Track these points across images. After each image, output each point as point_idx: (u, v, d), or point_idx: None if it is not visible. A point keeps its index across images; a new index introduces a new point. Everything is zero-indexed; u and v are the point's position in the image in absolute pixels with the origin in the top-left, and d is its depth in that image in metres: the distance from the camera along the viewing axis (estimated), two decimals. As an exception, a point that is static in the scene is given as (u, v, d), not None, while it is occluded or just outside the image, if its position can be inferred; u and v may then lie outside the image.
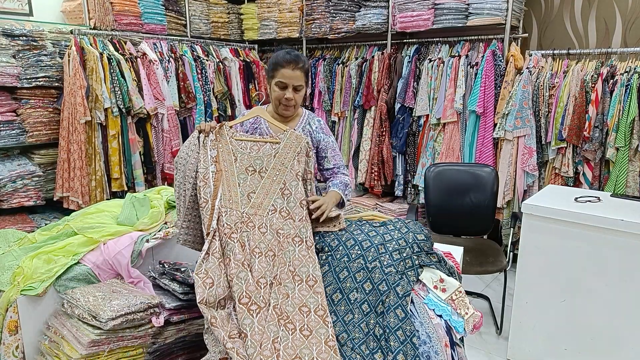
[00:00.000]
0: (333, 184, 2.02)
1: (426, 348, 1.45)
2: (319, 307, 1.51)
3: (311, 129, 2.05)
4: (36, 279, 1.79)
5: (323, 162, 2.07)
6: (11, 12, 3.33)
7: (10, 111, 3.14)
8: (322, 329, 1.46)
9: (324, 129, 2.09)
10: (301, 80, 1.90)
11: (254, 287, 1.50)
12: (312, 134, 2.04)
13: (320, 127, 2.08)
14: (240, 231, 1.64)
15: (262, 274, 1.55)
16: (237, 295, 1.46)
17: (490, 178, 2.96)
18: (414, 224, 1.84)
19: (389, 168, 3.98)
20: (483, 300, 3.17)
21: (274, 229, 1.70)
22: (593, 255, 2.18)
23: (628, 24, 3.51)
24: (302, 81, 1.91)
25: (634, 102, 2.96)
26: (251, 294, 1.48)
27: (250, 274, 1.53)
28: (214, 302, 1.44)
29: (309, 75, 1.97)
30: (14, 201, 3.14)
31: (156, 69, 3.71)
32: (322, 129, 2.08)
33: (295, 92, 1.91)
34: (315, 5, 4.32)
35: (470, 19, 3.57)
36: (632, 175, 3.03)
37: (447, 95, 3.62)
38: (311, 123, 2.08)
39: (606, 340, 2.20)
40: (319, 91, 4.38)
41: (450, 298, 1.62)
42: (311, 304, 1.52)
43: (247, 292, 1.48)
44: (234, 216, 1.67)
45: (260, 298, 1.48)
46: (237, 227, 1.64)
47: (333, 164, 2.07)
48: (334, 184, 2.01)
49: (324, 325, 1.47)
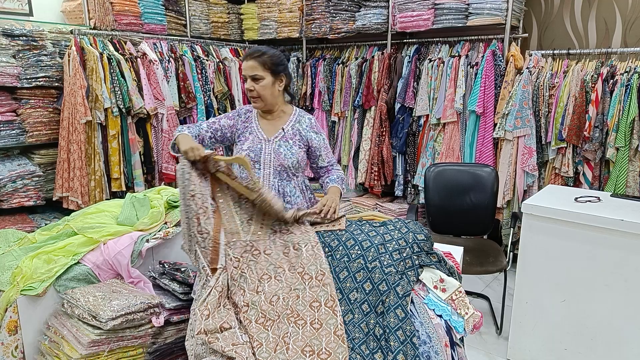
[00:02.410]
0: (331, 180, 2.01)
1: (426, 348, 1.45)
2: (329, 299, 1.53)
3: (300, 128, 2.04)
4: (36, 279, 1.79)
5: (317, 160, 2.07)
6: (11, 12, 3.33)
7: (10, 111, 3.14)
8: (332, 320, 1.47)
9: (315, 127, 2.07)
10: (257, 70, 1.91)
11: (267, 306, 1.52)
12: (302, 133, 2.03)
13: (311, 126, 2.06)
14: (248, 260, 1.65)
15: (274, 292, 1.57)
16: (254, 318, 1.48)
17: (490, 178, 2.96)
18: (414, 224, 1.84)
19: (389, 168, 3.98)
20: (483, 300, 3.17)
21: (279, 248, 1.71)
22: (593, 255, 2.18)
23: (628, 24, 3.51)
24: (259, 71, 1.91)
25: (634, 102, 2.96)
26: (265, 312, 1.50)
27: (263, 296, 1.55)
28: (213, 329, 1.43)
29: (275, 66, 1.91)
30: (14, 201, 3.14)
31: (156, 69, 3.71)
32: (312, 128, 2.06)
33: (254, 82, 1.92)
34: (315, 5, 4.32)
35: (470, 19, 3.57)
36: (632, 175, 3.03)
37: (447, 95, 3.62)
38: (301, 121, 2.06)
39: (606, 340, 2.19)
40: (319, 91, 4.37)
41: (450, 298, 1.62)
42: (322, 298, 1.54)
43: (262, 312, 1.50)
44: (238, 247, 1.68)
45: (274, 313, 1.50)
46: (244, 258, 1.65)
47: (327, 161, 2.08)
48: (332, 180, 2.01)
49: (334, 315, 1.48)
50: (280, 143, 2.01)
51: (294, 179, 2.05)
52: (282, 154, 1.99)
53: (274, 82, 1.96)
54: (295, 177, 2.05)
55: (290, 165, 2.00)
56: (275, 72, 1.95)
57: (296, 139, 2.03)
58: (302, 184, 2.09)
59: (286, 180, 2.02)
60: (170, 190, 2.58)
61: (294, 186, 2.03)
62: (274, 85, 1.97)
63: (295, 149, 2.01)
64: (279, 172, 2.01)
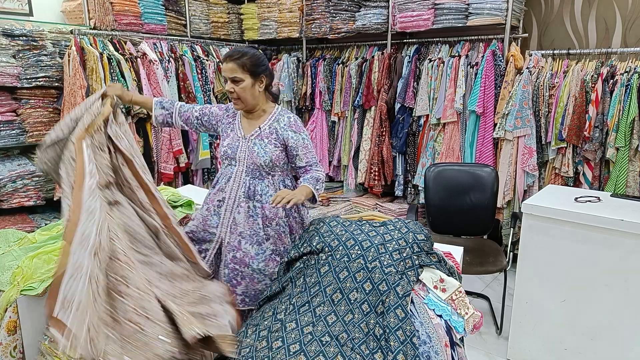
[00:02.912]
0: (304, 179, 1.99)
1: (426, 348, 1.45)
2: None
3: (278, 126, 2.01)
4: (36, 279, 1.79)
5: (295, 160, 2.03)
6: (11, 12, 3.33)
7: (10, 111, 3.14)
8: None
9: (294, 125, 2.02)
10: (236, 72, 1.92)
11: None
12: (278, 131, 2.00)
13: (289, 124, 2.02)
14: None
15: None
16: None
17: (490, 178, 2.96)
18: (414, 224, 1.84)
19: (389, 168, 3.98)
20: (483, 300, 3.17)
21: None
22: (593, 255, 2.18)
23: (628, 24, 3.51)
24: (239, 73, 1.92)
25: (634, 102, 2.96)
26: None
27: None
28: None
29: (254, 67, 1.93)
30: (14, 201, 3.14)
31: (156, 69, 3.71)
32: (290, 126, 2.01)
33: (234, 84, 1.94)
34: (315, 5, 4.32)
35: (470, 19, 3.57)
36: (632, 175, 3.03)
37: (447, 95, 3.62)
38: (280, 120, 2.03)
39: (606, 340, 2.19)
40: (319, 91, 4.37)
41: (450, 298, 1.62)
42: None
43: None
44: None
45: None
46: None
47: (305, 162, 2.02)
48: (305, 179, 1.98)
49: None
50: (255, 141, 2.00)
51: (268, 177, 2.01)
52: (255, 152, 1.98)
53: (253, 83, 1.96)
54: (270, 176, 2.01)
55: (262, 163, 1.97)
56: (254, 74, 1.96)
57: (272, 137, 2.00)
58: (279, 183, 2.04)
59: (258, 178, 2.00)
60: (170, 190, 2.58)
61: (267, 185, 2.00)
62: (253, 87, 1.97)
63: (270, 148, 1.98)
64: (252, 170, 2.00)
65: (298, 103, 4.57)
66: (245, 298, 1.99)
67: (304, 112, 4.62)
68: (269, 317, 1.62)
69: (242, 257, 1.97)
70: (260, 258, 1.97)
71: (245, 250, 1.97)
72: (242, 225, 1.98)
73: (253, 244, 1.97)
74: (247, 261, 1.97)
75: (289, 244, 2.02)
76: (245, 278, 1.98)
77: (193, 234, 2.05)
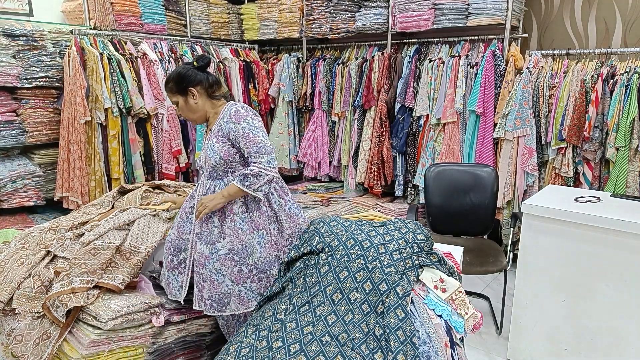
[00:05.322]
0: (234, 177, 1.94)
1: (426, 348, 1.45)
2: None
3: (222, 122, 1.96)
4: (36, 279, 1.78)
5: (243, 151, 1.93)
6: (11, 12, 3.33)
7: (11, 111, 3.14)
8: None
9: (234, 116, 1.92)
10: (171, 98, 2.04)
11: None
12: (222, 127, 1.95)
13: (230, 117, 1.94)
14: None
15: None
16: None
17: (490, 178, 2.97)
18: (414, 224, 1.84)
19: (389, 168, 3.99)
20: (483, 300, 3.17)
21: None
22: (593, 255, 2.18)
23: (628, 24, 3.51)
24: (172, 97, 2.03)
25: (634, 102, 2.96)
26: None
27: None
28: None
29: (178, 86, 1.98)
30: (14, 201, 3.15)
31: (156, 69, 3.71)
32: (231, 118, 1.93)
33: (176, 107, 2.07)
34: (315, 5, 4.33)
35: (470, 19, 3.57)
36: (632, 175, 3.03)
37: (447, 96, 3.62)
38: (224, 115, 1.97)
39: (606, 340, 2.20)
40: (319, 91, 4.38)
41: (450, 298, 1.62)
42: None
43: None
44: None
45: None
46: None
47: (247, 152, 1.90)
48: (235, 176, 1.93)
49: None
50: (207, 144, 1.99)
51: (227, 176, 1.97)
52: (208, 154, 1.97)
53: (185, 100, 2.00)
54: (229, 174, 1.97)
55: (214, 163, 1.94)
56: (182, 91, 1.99)
57: (219, 135, 1.95)
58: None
59: (217, 179, 1.99)
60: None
61: (227, 183, 1.95)
62: (187, 103, 2.00)
63: (218, 146, 1.93)
64: (210, 173, 2.00)
65: (298, 103, 4.57)
66: (212, 303, 1.91)
67: (304, 112, 4.62)
68: (269, 317, 1.62)
69: (198, 259, 1.93)
70: (215, 258, 1.90)
71: (200, 251, 1.93)
72: (199, 226, 1.95)
73: (207, 244, 1.92)
74: (202, 262, 1.91)
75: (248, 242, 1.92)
76: (206, 280, 1.91)
77: (171, 243, 2.02)
